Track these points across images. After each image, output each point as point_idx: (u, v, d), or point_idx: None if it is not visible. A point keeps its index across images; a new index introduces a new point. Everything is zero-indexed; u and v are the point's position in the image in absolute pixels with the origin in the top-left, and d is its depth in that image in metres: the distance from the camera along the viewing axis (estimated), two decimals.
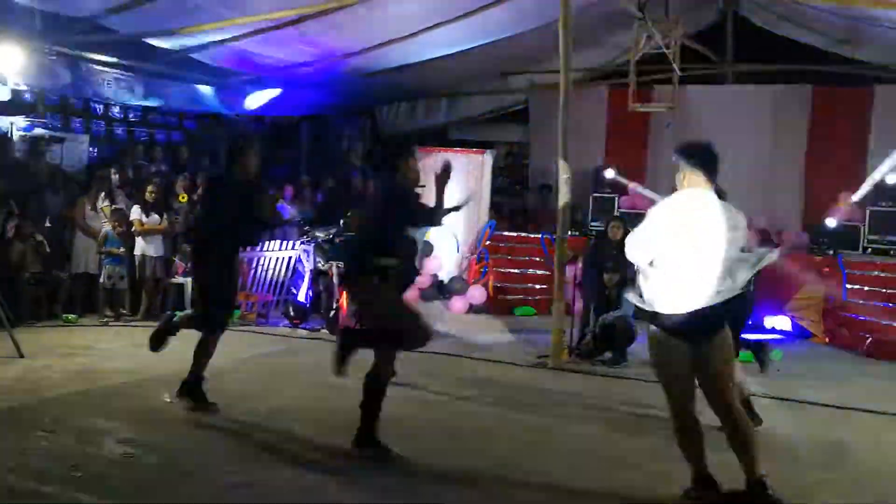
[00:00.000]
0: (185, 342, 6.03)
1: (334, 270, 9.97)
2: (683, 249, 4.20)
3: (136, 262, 10.20)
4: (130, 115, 13.28)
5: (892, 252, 11.49)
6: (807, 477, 5.24)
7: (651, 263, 4.31)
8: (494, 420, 6.13)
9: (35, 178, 10.70)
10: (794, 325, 11.17)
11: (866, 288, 10.68)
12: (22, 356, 7.44)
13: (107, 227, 10.06)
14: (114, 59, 10.75)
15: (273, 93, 13.33)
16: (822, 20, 12.01)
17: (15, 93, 10.64)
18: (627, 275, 8.88)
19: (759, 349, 6.93)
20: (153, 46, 10.55)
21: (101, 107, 12.74)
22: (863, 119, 12.77)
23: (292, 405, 6.39)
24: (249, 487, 4.57)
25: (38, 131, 11.39)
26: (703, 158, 4.54)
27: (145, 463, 4.86)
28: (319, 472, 4.87)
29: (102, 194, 10.36)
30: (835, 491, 5.04)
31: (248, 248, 9.48)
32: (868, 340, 10.02)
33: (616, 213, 11.99)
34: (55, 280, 9.87)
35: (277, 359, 8.28)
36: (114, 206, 10.25)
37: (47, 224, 10.13)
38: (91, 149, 12.18)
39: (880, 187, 11.89)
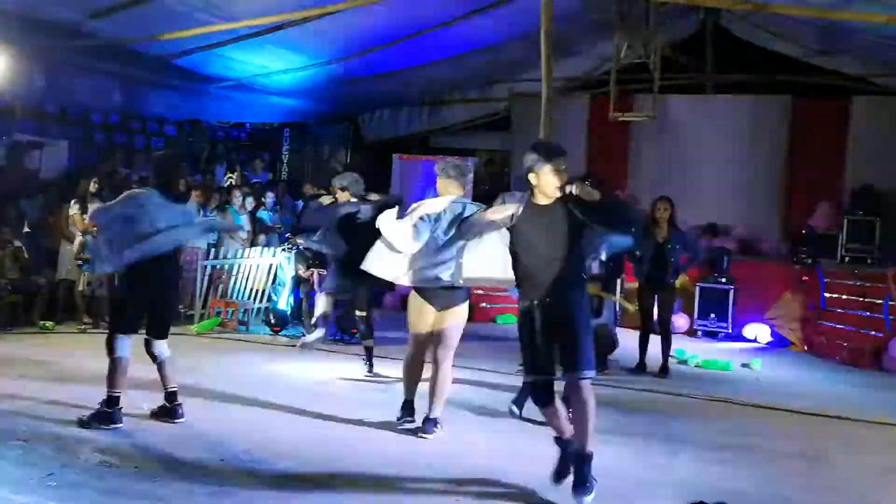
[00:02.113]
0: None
1: (315, 277, 9.94)
2: None
3: None
4: (109, 121, 13.18)
5: (869, 261, 11.61)
6: (785, 485, 5.27)
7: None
8: (474, 429, 6.11)
9: (13, 183, 10.60)
10: (773, 333, 11.25)
11: (844, 297, 10.77)
12: None
13: (80, 237, 9.96)
14: (93, 65, 10.68)
15: (255, 98, 13.31)
16: (801, 31, 12.14)
17: None
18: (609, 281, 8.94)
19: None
20: (134, 52, 10.49)
21: (80, 112, 12.63)
22: (841, 129, 12.91)
23: (272, 413, 6.35)
24: (228, 497, 4.53)
25: (17, 137, 11.29)
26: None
27: (122, 472, 4.81)
28: (300, 482, 4.84)
29: (73, 201, 10.27)
30: (813, 499, 5.06)
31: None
32: (845, 348, 10.11)
33: None
34: (33, 287, 9.77)
35: (257, 367, 8.23)
36: (90, 214, 10.15)
37: (26, 230, 10.04)
38: (70, 154, 12.08)
39: (858, 197, 12.05)
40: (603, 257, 6.02)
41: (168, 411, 5.88)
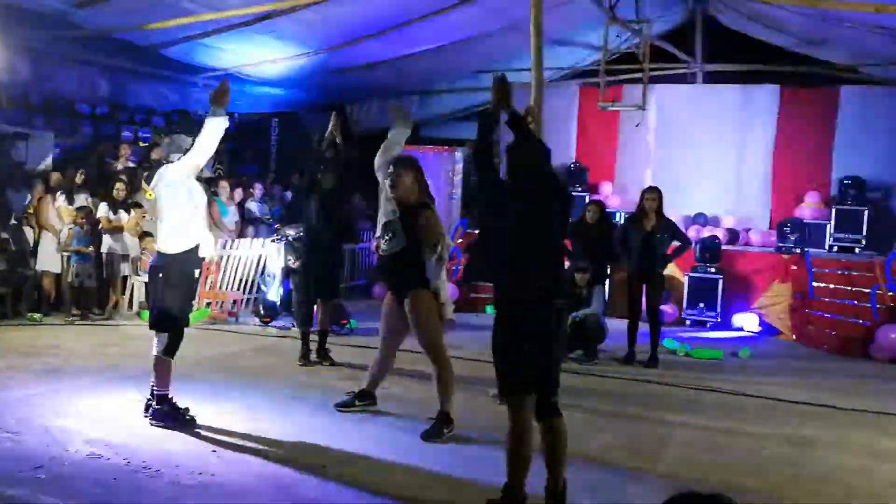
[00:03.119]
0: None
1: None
2: None
3: (104, 260, 10.09)
4: (96, 112, 13.08)
5: (856, 250, 11.67)
6: (774, 473, 5.31)
7: None
8: (458, 418, 6.10)
9: None
10: (761, 322, 11.30)
11: (832, 286, 10.83)
12: None
13: (67, 227, 9.89)
14: (79, 55, 10.60)
15: (243, 89, 13.23)
16: (789, 21, 12.15)
17: None
18: (601, 268, 8.96)
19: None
20: (120, 42, 10.42)
21: (66, 103, 12.53)
22: (829, 119, 12.95)
23: (261, 403, 6.35)
24: (219, 487, 4.53)
25: (3, 128, 11.20)
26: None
27: (112, 463, 4.79)
28: (290, 470, 4.84)
29: (59, 192, 10.20)
30: (801, 487, 5.09)
31: None
32: (833, 337, 10.16)
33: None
34: (20, 278, 9.71)
35: (247, 357, 8.22)
36: (77, 205, 10.08)
37: (12, 222, 9.97)
38: (56, 146, 11.99)
39: (846, 186, 12.11)
40: None
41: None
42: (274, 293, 10.60)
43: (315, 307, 8.15)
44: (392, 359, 6.21)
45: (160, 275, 5.65)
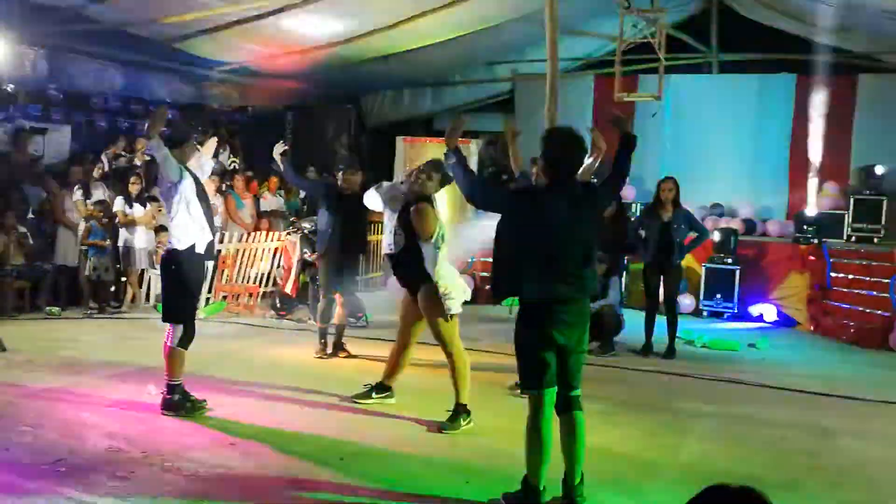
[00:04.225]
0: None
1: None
2: None
3: (121, 254, 10.13)
4: (112, 106, 13.12)
5: (875, 240, 11.57)
6: (793, 464, 5.28)
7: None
8: (475, 411, 6.09)
9: (17, 169, 10.58)
10: (779, 312, 11.22)
11: (850, 276, 10.74)
12: (4, 349, 7.38)
13: (84, 223, 9.94)
14: (95, 50, 10.63)
15: (258, 82, 13.26)
16: (806, 9, 12.04)
17: None
18: (617, 260, 8.91)
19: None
20: (136, 36, 10.44)
21: (83, 97, 12.57)
22: (847, 108, 12.82)
23: (278, 396, 6.36)
24: (236, 480, 4.54)
25: (20, 122, 11.25)
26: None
27: (130, 456, 4.82)
28: (307, 463, 4.85)
29: (76, 187, 10.25)
30: (821, 477, 5.06)
31: None
32: (852, 328, 10.08)
33: None
34: (38, 272, 9.78)
35: (262, 350, 8.24)
36: (95, 200, 10.12)
37: (30, 216, 10.03)
38: (72, 140, 12.04)
39: (865, 176, 12.00)
40: None
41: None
42: (290, 286, 10.61)
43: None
44: (409, 351, 6.21)
45: (171, 268, 5.73)
